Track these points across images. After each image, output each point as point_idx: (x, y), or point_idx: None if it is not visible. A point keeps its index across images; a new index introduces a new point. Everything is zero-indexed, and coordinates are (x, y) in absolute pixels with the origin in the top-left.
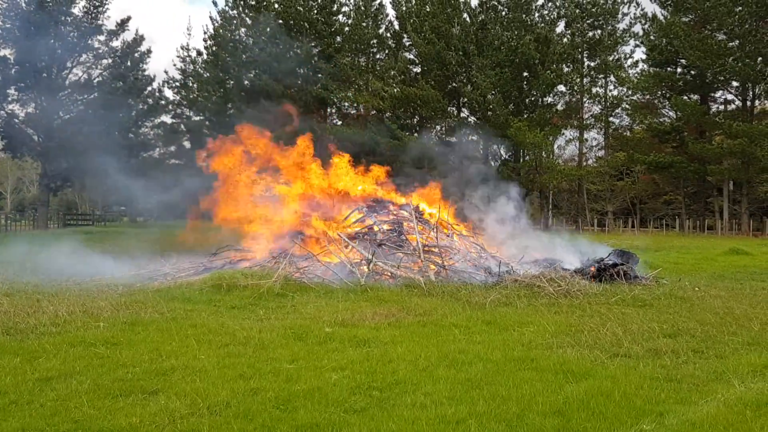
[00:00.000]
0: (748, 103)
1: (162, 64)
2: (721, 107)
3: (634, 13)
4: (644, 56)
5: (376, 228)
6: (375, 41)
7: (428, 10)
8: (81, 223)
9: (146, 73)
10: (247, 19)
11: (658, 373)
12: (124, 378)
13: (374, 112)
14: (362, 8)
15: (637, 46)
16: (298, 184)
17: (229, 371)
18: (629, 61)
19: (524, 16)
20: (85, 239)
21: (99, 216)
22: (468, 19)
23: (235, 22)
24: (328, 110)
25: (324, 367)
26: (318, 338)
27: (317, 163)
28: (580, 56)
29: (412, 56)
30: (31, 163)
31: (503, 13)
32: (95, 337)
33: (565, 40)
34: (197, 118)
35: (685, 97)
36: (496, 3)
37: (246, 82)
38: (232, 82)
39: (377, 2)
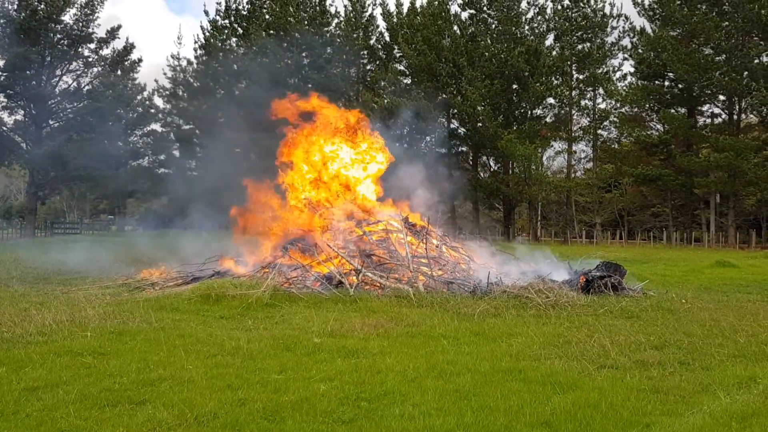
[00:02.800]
0: (735, 116)
1: (151, 72)
2: (708, 120)
3: (623, 27)
4: (632, 69)
5: (366, 238)
6: (365, 52)
7: (419, 21)
8: (69, 231)
9: (136, 81)
10: (238, 28)
11: (644, 384)
12: (112, 388)
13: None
14: (353, 20)
15: (625, 59)
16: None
17: (217, 381)
18: (617, 74)
19: (514, 28)
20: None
21: (87, 225)
22: (458, 31)
23: (226, 31)
24: None
25: (312, 378)
26: (306, 349)
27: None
28: (569, 69)
29: (402, 67)
30: (19, 171)
31: (493, 25)
32: (82, 347)
33: (554, 52)
34: (187, 127)
35: (673, 111)
36: (486, 16)
37: (236, 91)
38: (222, 91)
39: (368, 14)
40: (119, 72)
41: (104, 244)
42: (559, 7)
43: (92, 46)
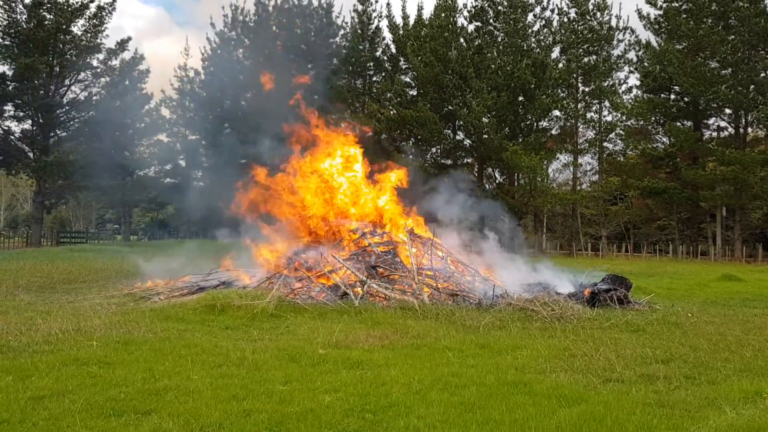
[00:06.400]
0: (741, 130)
1: (157, 83)
2: (714, 134)
3: (629, 40)
4: (638, 82)
5: (371, 250)
6: (371, 64)
7: (425, 33)
8: (74, 241)
9: (144, 92)
10: (245, 40)
11: (650, 398)
12: (117, 398)
13: (370, 133)
14: (359, 31)
15: (631, 72)
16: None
17: (222, 392)
18: (623, 87)
19: (520, 41)
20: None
21: (92, 234)
22: (465, 43)
23: (233, 43)
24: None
25: (317, 389)
26: (311, 360)
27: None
28: (575, 81)
29: (408, 79)
30: (26, 180)
31: (499, 38)
32: (88, 356)
33: (560, 65)
34: (193, 137)
35: (679, 124)
36: (492, 28)
37: (243, 102)
38: (228, 101)
39: (374, 26)
40: (127, 82)
41: (110, 254)
42: (566, 20)
43: (100, 56)
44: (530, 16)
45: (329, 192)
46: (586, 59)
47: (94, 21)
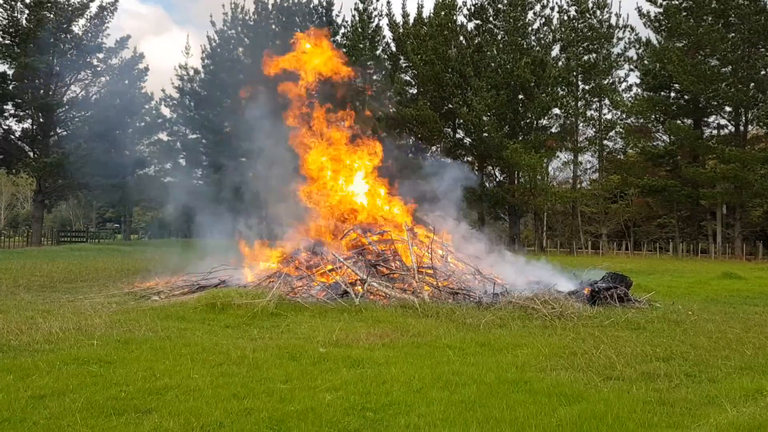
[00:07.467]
0: (741, 128)
1: (157, 82)
2: (714, 132)
3: (629, 38)
4: (638, 80)
5: (371, 248)
6: (371, 62)
7: (425, 31)
8: (75, 240)
9: (144, 91)
10: (245, 38)
11: (651, 396)
12: (118, 396)
13: (370, 132)
14: (359, 30)
15: (631, 70)
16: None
17: (222, 391)
18: (623, 85)
19: (520, 39)
20: None
21: (93, 233)
22: (464, 41)
23: (232, 41)
24: None
25: (318, 388)
26: (312, 358)
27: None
28: (575, 79)
29: (408, 77)
30: (26, 179)
31: (499, 36)
32: (89, 355)
33: (560, 63)
34: (193, 136)
35: (679, 122)
36: (492, 26)
37: (242, 100)
38: (228, 100)
39: (374, 24)
40: (126, 81)
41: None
42: (566, 18)
43: (100, 55)
44: (530, 14)
45: (332, 190)
46: (585, 57)
47: (96, 21)
